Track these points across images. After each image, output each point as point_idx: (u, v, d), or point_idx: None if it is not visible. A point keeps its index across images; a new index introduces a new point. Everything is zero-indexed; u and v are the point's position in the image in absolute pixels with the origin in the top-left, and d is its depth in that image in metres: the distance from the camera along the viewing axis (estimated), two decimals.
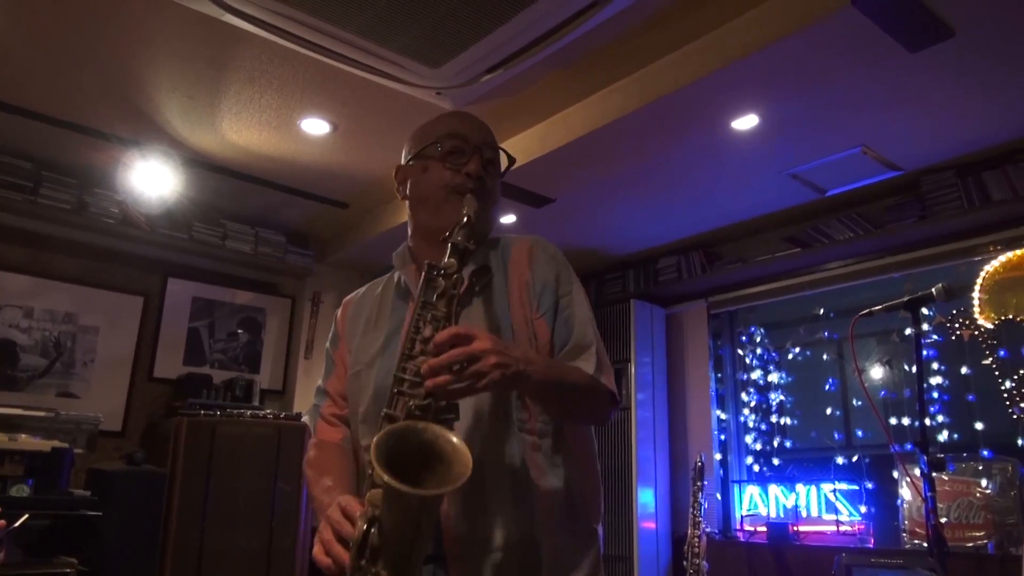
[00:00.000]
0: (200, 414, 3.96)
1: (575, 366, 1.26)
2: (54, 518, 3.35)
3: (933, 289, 2.21)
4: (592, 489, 1.32)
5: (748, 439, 4.90)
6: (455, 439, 1.00)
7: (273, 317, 5.02)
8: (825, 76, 2.88)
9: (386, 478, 0.91)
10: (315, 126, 3.59)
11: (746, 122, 3.33)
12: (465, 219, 1.18)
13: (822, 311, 4.58)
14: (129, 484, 3.62)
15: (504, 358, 1.08)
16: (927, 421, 2.25)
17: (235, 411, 4.13)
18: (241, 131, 3.68)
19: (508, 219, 4.40)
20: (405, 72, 3.05)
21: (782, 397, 4.86)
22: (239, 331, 4.88)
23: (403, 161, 1.43)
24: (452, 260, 1.14)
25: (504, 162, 1.43)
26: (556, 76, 3.16)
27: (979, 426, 3.77)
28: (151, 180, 3.88)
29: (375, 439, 0.97)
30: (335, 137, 3.71)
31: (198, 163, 4.00)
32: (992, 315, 3.71)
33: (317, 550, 1.09)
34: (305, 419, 1.50)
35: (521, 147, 3.61)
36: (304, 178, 4.21)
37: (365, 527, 0.98)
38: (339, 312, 1.51)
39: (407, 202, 1.41)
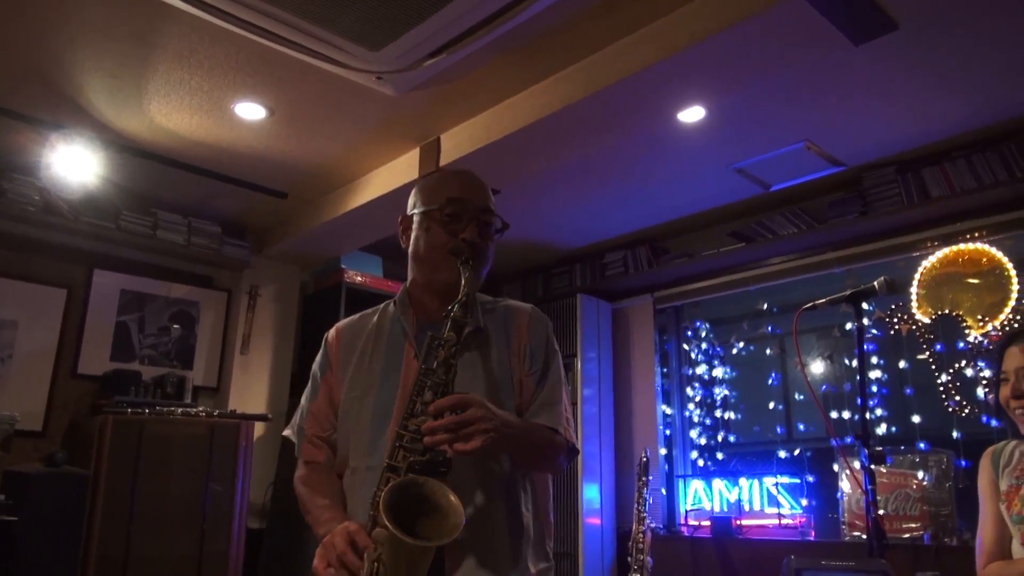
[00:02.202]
0: (127, 412, 3.77)
1: (542, 425, 1.48)
2: None
3: (876, 283, 2.21)
4: (549, 521, 1.56)
5: (693, 434, 4.91)
6: (450, 495, 1.21)
7: (208, 311, 4.81)
8: (771, 67, 2.86)
9: (391, 528, 1.13)
10: (250, 110, 3.44)
11: (692, 114, 3.31)
12: (464, 298, 1.38)
13: (766, 306, 4.61)
14: (48, 487, 3.45)
15: (491, 424, 1.27)
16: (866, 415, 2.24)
17: (165, 409, 3.94)
18: (171, 114, 3.50)
19: None
20: (344, 55, 2.92)
21: (726, 392, 4.89)
22: (172, 325, 4.66)
23: (408, 211, 1.62)
24: (452, 334, 1.33)
25: (499, 223, 1.61)
26: (500, 63, 3.08)
27: (916, 419, 3.82)
28: (74, 165, 3.65)
29: (384, 493, 1.18)
30: (272, 122, 3.55)
31: (125, 148, 3.79)
32: (929, 310, 3.78)
33: (319, 564, 1.27)
34: (287, 434, 1.66)
35: (466, 135, 3.52)
36: (240, 166, 4.03)
37: (370, 565, 1.19)
38: (331, 337, 1.65)
39: (407, 251, 1.59)
